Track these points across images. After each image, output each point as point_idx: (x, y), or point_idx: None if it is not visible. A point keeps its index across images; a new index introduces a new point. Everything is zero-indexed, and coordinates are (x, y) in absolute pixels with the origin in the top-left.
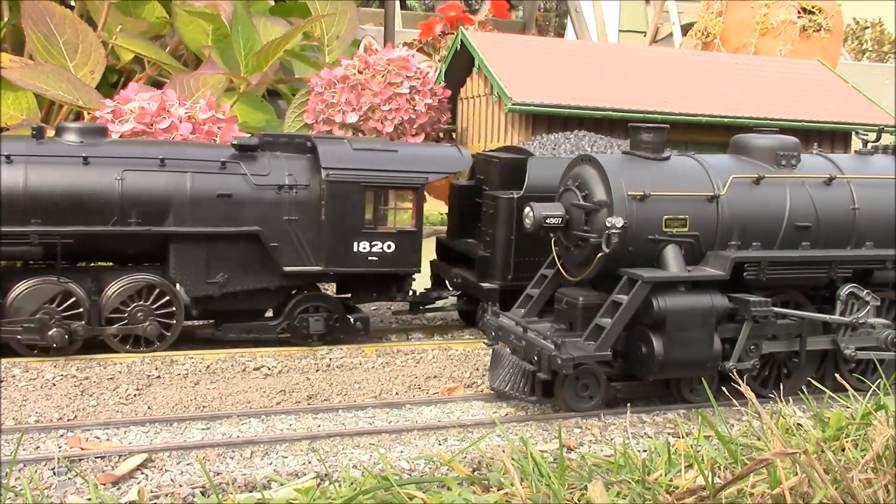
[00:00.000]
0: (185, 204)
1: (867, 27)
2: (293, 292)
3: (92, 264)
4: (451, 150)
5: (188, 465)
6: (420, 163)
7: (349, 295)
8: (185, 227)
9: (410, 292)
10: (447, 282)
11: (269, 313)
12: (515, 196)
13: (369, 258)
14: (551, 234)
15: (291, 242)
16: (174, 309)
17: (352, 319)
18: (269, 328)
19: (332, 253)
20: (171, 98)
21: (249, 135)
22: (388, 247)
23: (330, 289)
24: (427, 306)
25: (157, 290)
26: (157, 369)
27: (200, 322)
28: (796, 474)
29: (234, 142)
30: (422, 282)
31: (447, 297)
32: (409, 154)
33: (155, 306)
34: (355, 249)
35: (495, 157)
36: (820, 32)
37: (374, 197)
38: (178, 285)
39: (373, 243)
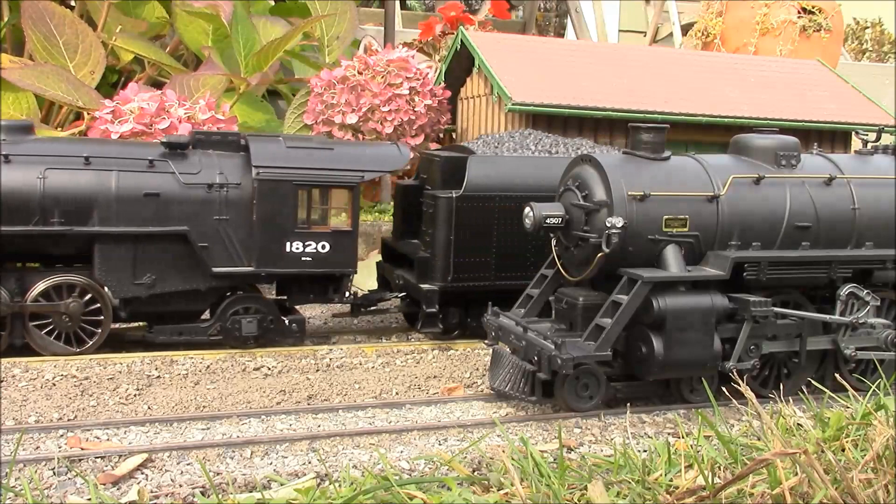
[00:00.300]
0: (110, 203)
1: (867, 27)
2: (227, 294)
3: (19, 265)
4: (389, 149)
5: (188, 465)
6: (356, 161)
7: (285, 297)
8: (109, 226)
9: (349, 294)
10: (391, 283)
11: (207, 315)
12: (454, 195)
13: (303, 259)
14: (551, 234)
15: (222, 242)
16: (102, 310)
17: (286, 321)
18: (201, 330)
19: (263, 253)
20: (170, 98)
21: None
22: (323, 247)
23: (272, 291)
24: (369, 308)
25: (83, 291)
26: (157, 369)
27: (133, 324)
28: (796, 474)
29: (163, 139)
30: (371, 283)
31: (390, 299)
32: (344, 152)
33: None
34: (288, 250)
35: (437, 155)
36: (820, 32)
37: (308, 196)
38: (105, 286)
39: (306, 243)
